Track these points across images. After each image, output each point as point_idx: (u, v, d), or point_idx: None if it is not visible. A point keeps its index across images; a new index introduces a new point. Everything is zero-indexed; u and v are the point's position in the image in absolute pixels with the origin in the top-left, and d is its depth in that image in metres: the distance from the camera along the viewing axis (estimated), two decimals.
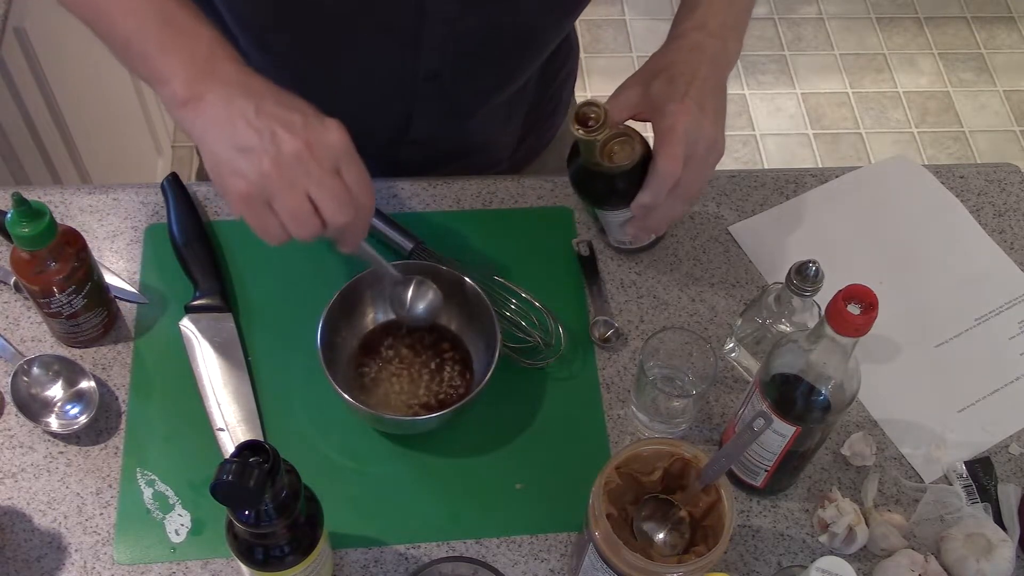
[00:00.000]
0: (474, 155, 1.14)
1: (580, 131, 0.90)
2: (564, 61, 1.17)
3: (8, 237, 0.91)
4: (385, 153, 1.09)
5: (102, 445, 0.91)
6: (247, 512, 0.70)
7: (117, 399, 0.94)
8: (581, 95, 2.59)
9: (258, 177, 0.76)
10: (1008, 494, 0.93)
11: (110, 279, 0.98)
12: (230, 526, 0.74)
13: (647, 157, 0.92)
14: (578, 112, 0.90)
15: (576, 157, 0.97)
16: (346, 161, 0.78)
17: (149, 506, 0.88)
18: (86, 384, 0.92)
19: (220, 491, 0.67)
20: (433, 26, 0.93)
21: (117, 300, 0.98)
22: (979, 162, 2.56)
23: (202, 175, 1.28)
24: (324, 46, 0.96)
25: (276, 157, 0.75)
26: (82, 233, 0.91)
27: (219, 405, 0.93)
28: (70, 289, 0.89)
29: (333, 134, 0.78)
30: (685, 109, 0.88)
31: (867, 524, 0.90)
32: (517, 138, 1.20)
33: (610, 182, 0.94)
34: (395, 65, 0.98)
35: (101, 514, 0.88)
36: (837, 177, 1.15)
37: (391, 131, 1.07)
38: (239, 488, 0.66)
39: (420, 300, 0.92)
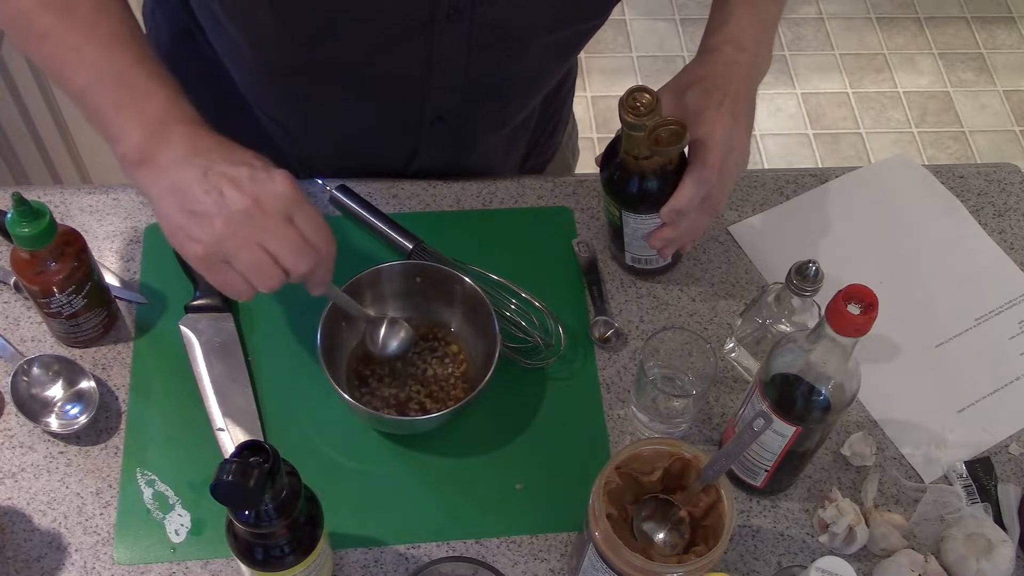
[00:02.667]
0: None
1: (629, 115, 0.87)
2: (564, 81, 1.18)
3: (8, 237, 0.91)
4: (405, 170, 1.10)
5: (102, 445, 0.91)
6: (247, 512, 0.70)
7: (117, 399, 0.94)
8: (581, 95, 2.59)
9: (213, 239, 0.76)
10: (1008, 494, 0.93)
11: (110, 279, 0.98)
12: (230, 526, 0.74)
13: (682, 164, 0.91)
14: (628, 97, 0.87)
15: (612, 159, 0.94)
16: (296, 209, 0.78)
17: (149, 506, 0.88)
18: (86, 384, 0.92)
19: (220, 491, 0.67)
20: (440, 77, 0.94)
21: (117, 300, 0.98)
22: (979, 162, 2.56)
23: None
24: (333, 90, 0.97)
25: (227, 217, 0.76)
26: (82, 233, 0.91)
27: (219, 405, 0.93)
28: (70, 289, 0.89)
29: (279, 184, 0.78)
30: (721, 119, 0.88)
31: (867, 524, 0.90)
32: (519, 161, 1.20)
33: (645, 182, 0.91)
34: (401, 110, 0.99)
35: (101, 514, 0.88)
36: (837, 177, 1.15)
37: (395, 163, 1.09)
38: (239, 488, 0.66)
39: (392, 339, 0.93)
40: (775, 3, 0.98)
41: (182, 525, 0.88)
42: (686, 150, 0.90)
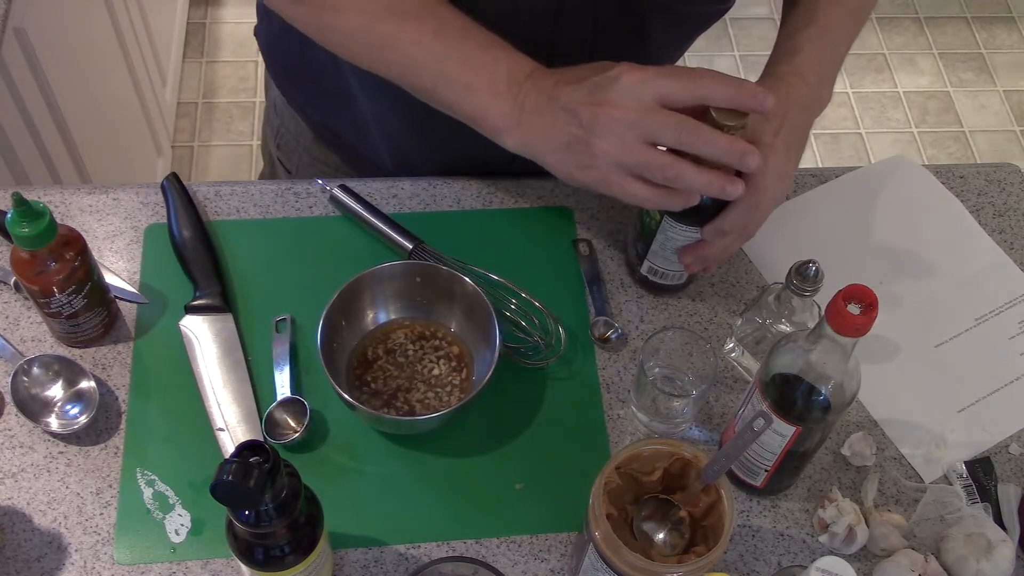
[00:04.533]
0: None
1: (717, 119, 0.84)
2: None
3: (8, 237, 0.91)
4: (510, 167, 1.08)
5: (102, 445, 0.91)
6: (247, 512, 0.70)
7: (117, 399, 0.94)
8: None
9: (597, 160, 0.82)
10: (1008, 494, 0.93)
11: (110, 279, 0.98)
12: (230, 526, 0.74)
13: None
14: (715, 115, 0.83)
15: None
16: (646, 90, 0.81)
17: (149, 506, 0.88)
18: (86, 384, 0.92)
19: (220, 491, 0.67)
20: (566, 50, 0.94)
21: (117, 300, 0.98)
22: (979, 162, 2.56)
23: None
24: None
25: (596, 135, 0.81)
26: (82, 233, 0.91)
27: (219, 405, 0.93)
28: (70, 289, 0.89)
29: (622, 80, 0.81)
30: (776, 148, 0.89)
31: (867, 524, 0.90)
32: None
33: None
34: None
35: (101, 514, 0.88)
36: (837, 177, 1.15)
37: (502, 158, 1.07)
38: (239, 488, 0.66)
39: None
40: (845, 42, 0.99)
41: (182, 525, 0.88)
42: None
